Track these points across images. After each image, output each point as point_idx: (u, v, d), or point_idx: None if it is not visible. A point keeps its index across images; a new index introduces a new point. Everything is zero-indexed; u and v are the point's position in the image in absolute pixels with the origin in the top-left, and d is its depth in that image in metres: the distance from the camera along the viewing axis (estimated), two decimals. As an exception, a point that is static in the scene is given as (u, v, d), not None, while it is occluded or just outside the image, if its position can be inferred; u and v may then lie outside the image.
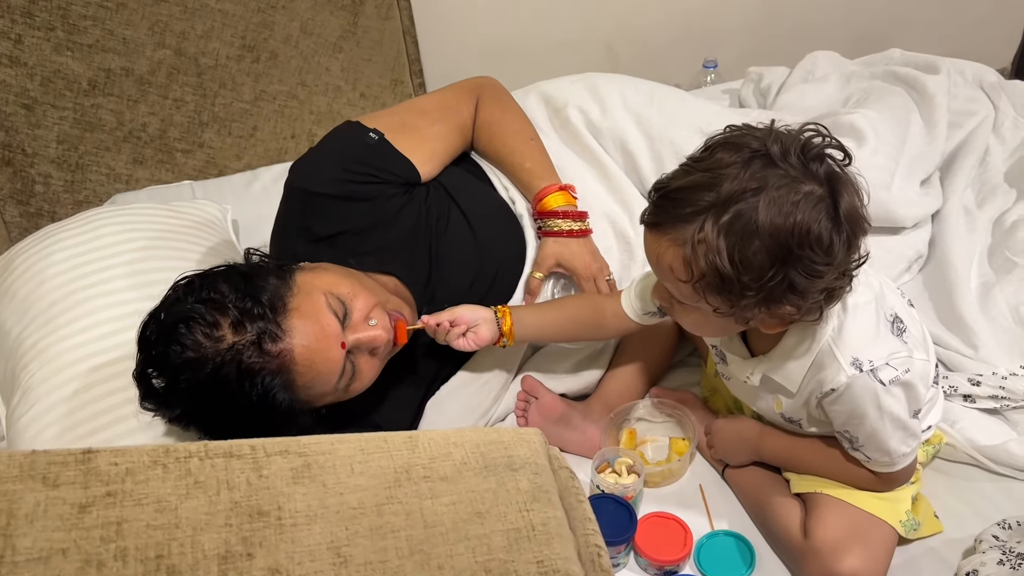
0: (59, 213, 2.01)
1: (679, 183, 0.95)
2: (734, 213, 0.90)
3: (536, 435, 0.77)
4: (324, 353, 1.09)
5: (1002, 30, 2.72)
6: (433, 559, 0.64)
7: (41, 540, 0.61)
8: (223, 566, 0.61)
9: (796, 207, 0.89)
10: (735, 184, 0.90)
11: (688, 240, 0.92)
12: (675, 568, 1.18)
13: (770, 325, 1.00)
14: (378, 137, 1.32)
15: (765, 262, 0.90)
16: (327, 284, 1.13)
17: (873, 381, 1.01)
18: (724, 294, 0.94)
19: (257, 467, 0.68)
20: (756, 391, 1.15)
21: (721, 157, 0.93)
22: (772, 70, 1.98)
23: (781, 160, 0.91)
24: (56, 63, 1.86)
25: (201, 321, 1.05)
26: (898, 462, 1.09)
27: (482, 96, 1.45)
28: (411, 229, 1.31)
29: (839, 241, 0.92)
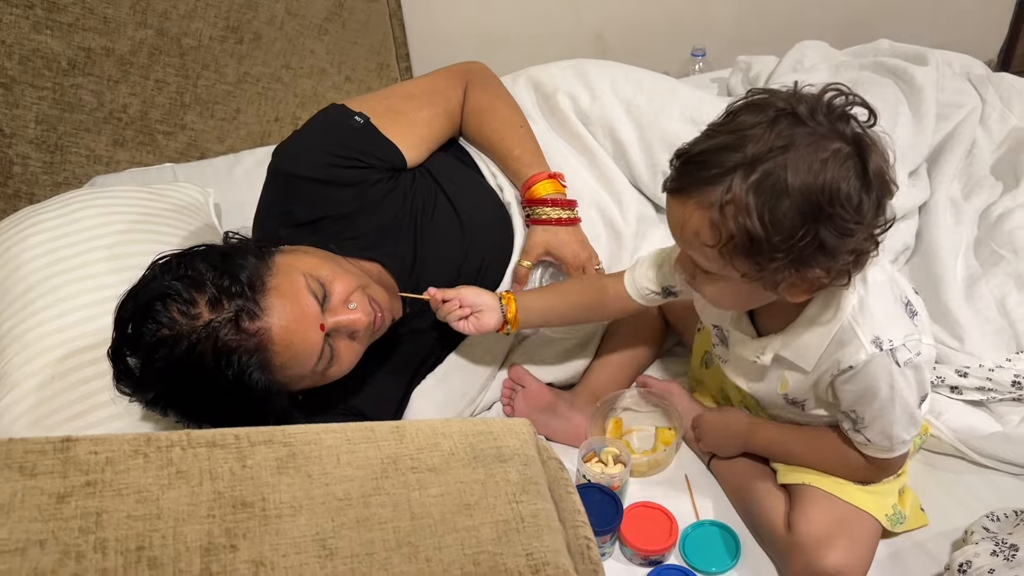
0: (37, 195, 1.98)
1: (703, 146, 0.93)
2: (763, 172, 0.88)
3: (525, 426, 0.76)
4: (302, 334, 1.08)
5: (989, 22, 2.73)
6: (421, 551, 0.63)
7: (18, 531, 0.59)
8: (206, 558, 0.60)
9: (825, 165, 0.88)
10: (762, 143, 0.88)
11: (715, 202, 0.90)
12: (660, 558, 1.17)
13: (797, 292, 0.97)
14: (363, 121, 1.30)
15: (796, 221, 0.88)
16: (307, 266, 1.12)
17: (890, 361, 1.00)
18: (753, 257, 0.92)
19: (241, 457, 0.67)
20: (762, 372, 1.13)
21: (745, 119, 0.92)
22: (761, 59, 1.97)
23: (809, 118, 0.89)
24: (35, 42, 1.83)
25: (177, 298, 1.04)
26: (896, 448, 1.08)
27: (471, 81, 1.43)
28: (396, 215, 1.30)
29: (868, 200, 0.90)
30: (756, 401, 1.23)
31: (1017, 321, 1.40)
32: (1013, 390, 1.29)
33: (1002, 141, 1.78)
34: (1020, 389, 1.29)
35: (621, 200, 1.46)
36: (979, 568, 0.97)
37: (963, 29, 2.64)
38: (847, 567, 1.08)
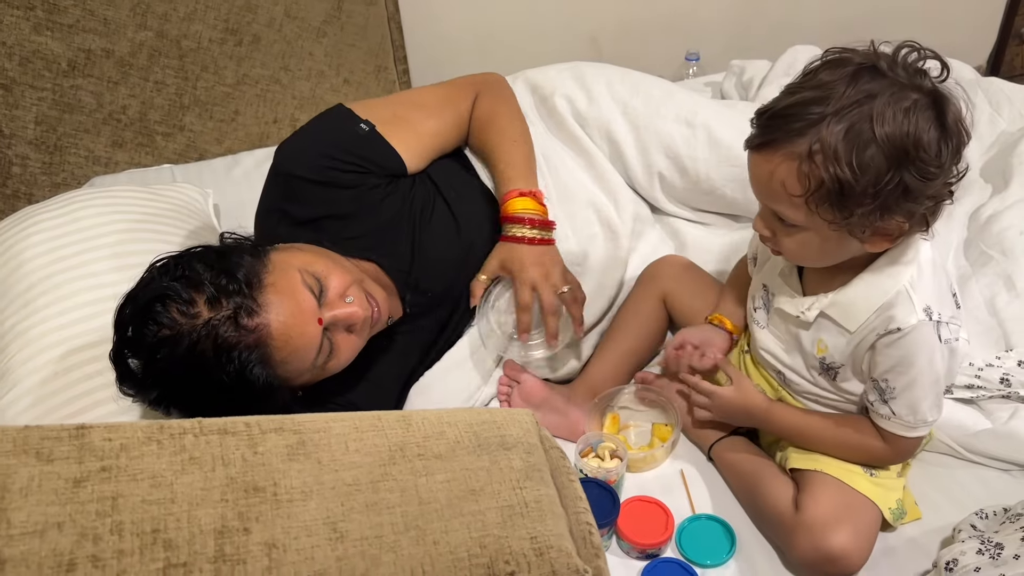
0: (36, 195, 1.99)
1: (787, 101, 0.98)
2: (850, 121, 0.94)
3: (527, 415, 0.78)
4: (300, 328, 1.09)
5: (978, 28, 2.77)
6: (428, 534, 0.65)
7: (36, 514, 0.60)
8: (220, 540, 0.62)
9: (908, 113, 0.93)
10: (847, 95, 0.94)
11: (804, 152, 0.96)
12: (657, 551, 1.19)
13: (879, 241, 1.02)
14: (368, 128, 1.32)
15: (882, 166, 0.94)
16: (302, 262, 1.14)
17: (935, 333, 1.05)
18: (840, 204, 0.97)
19: (252, 444, 0.69)
20: (799, 333, 1.17)
21: (826, 75, 0.97)
22: (754, 63, 1.99)
23: (889, 71, 0.95)
24: (35, 43, 1.84)
25: (177, 298, 1.05)
26: (918, 426, 1.11)
27: (481, 92, 1.45)
28: (393, 218, 1.32)
29: (947, 148, 0.95)
30: (782, 382, 1.26)
31: (1006, 320, 1.43)
32: (1002, 387, 1.31)
33: (991, 144, 1.82)
34: (1009, 387, 1.31)
35: (617, 200, 1.48)
36: (965, 566, 0.99)
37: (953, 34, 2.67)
38: (852, 550, 1.10)
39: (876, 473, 1.19)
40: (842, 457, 1.18)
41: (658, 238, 1.55)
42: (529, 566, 0.65)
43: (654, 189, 1.53)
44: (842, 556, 1.10)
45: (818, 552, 1.10)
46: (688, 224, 1.56)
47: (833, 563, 1.10)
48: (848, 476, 1.17)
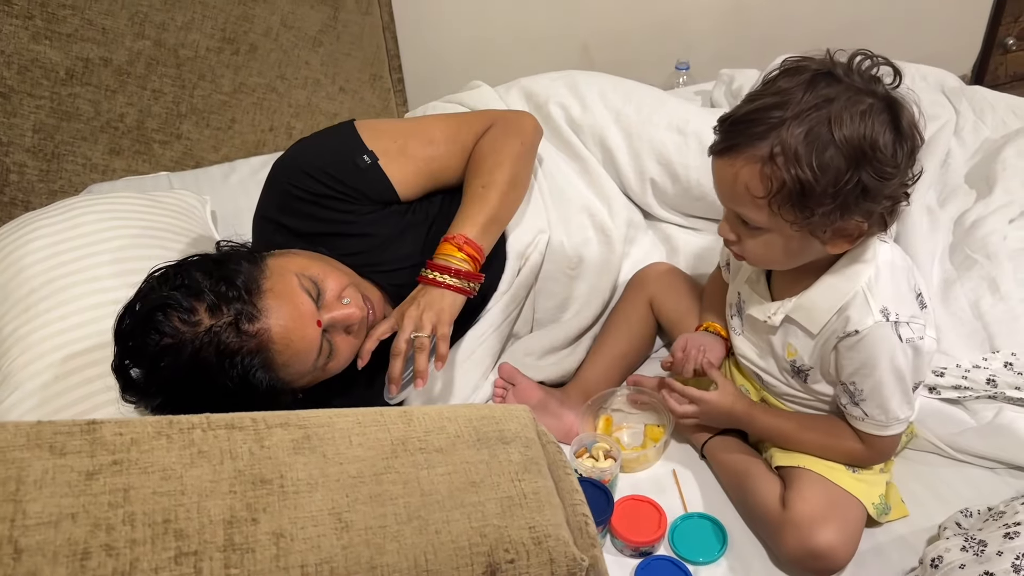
0: (33, 203, 2.00)
1: (748, 108, 1.03)
2: (809, 124, 0.98)
3: (525, 411, 0.80)
4: (300, 331, 1.12)
5: (962, 38, 2.82)
6: (431, 524, 0.67)
7: (50, 505, 0.62)
8: (229, 530, 0.63)
9: (864, 116, 0.98)
10: (806, 100, 0.98)
11: (765, 155, 1.00)
12: (650, 549, 1.21)
13: (840, 242, 1.06)
14: (371, 162, 1.31)
15: (842, 165, 0.98)
16: (298, 266, 1.16)
17: (894, 333, 1.08)
18: (800, 205, 1.00)
19: (259, 438, 0.71)
20: (769, 337, 1.20)
21: (784, 82, 1.02)
22: (743, 72, 2.03)
23: (845, 76, 1.00)
24: (34, 52, 1.85)
25: (177, 307, 1.07)
26: (891, 425, 1.14)
27: (492, 127, 1.40)
28: (389, 236, 1.33)
29: (902, 150, 1.00)
30: (762, 384, 1.28)
31: (991, 323, 1.46)
32: (988, 387, 1.34)
33: (975, 151, 1.85)
34: (995, 387, 1.34)
35: (611, 205, 1.50)
36: (950, 563, 1.01)
37: (938, 44, 2.72)
38: (838, 545, 1.12)
39: (858, 469, 1.21)
40: (825, 458, 1.21)
41: (650, 243, 1.58)
42: (528, 554, 0.67)
43: (646, 195, 1.56)
44: (828, 552, 1.12)
45: (805, 548, 1.13)
46: (679, 230, 1.59)
47: (820, 559, 1.12)
48: (831, 473, 1.19)
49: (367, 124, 1.37)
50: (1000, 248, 1.57)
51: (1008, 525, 1.02)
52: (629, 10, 2.41)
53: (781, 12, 2.54)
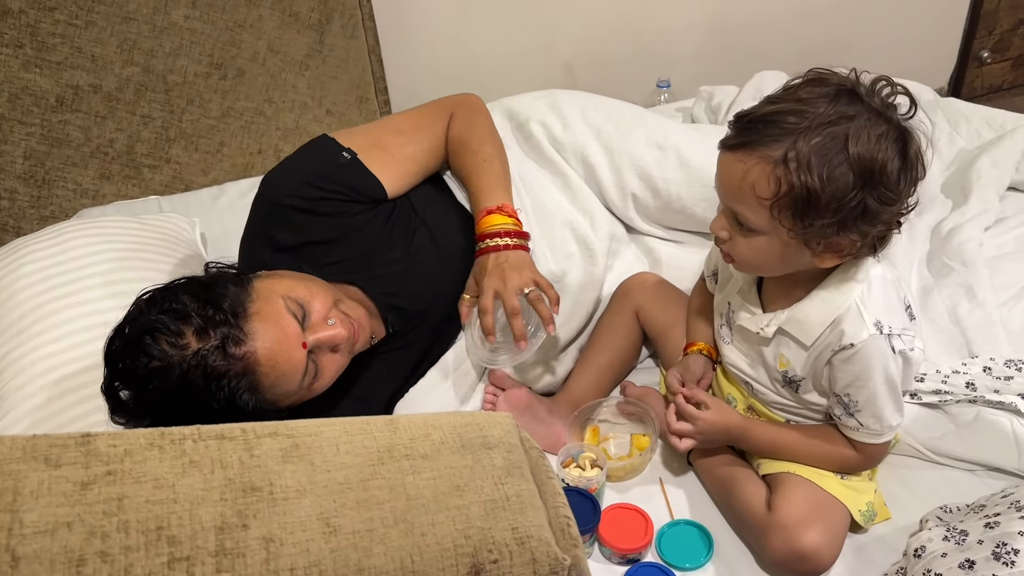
0: (24, 228, 2.02)
1: (768, 109, 1.04)
2: (827, 136, 1.00)
3: (508, 418, 0.82)
4: (286, 353, 1.13)
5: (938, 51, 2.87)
6: (416, 527, 0.69)
7: (47, 515, 0.64)
8: (220, 536, 0.66)
9: (880, 140, 1.00)
10: (826, 112, 1.00)
11: (779, 158, 1.01)
12: (637, 556, 1.23)
13: (829, 257, 1.08)
14: (350, 156, 1.36)
15: (850, 182, 1.00)
16: (284, 288, 1.18)
17: (887, 345, 1.10)
18: (801, 213, 1.02)
19: (248, 448, 0.73)
20: (762, 349, 1.22)
21: (807, 91, 1.04)
22: (722, 89, 2.07)
23: (867, 97, 1.02)
24: (24, 80, 1.88)
25: (165, 331, 1.08)
26: (885, 432, 1.17)
27: (455, 114, 1.50)
28: (375, 242, 1.36)
29: (906, 180, 1.03)
30: (750, 392, 1.30)
31: (968, 328, 1.49)
32: (968, 391, 1.36)
33: (951, 162, 1.89)
34: (974, 391, 1.37)
35: (593, 219, 1.53)
36: (932, 552, 1.03)
37: (914, 58, 2.78)
38: (823, 547, 1.14)
39: (847, 476, 1.24)
40: (818, 467, 1.23)
41: (633, 256, 1.60)
42: (511, 555, 0.69)
43: (628, 209, 1.59)
44: (813, 554, 1.14)
45: (790, 551, 1.14)
46: (662, 243, 1.62)
47: (804, 561, 1.14)
48: (819, 478, 1.22)
49: (339, 132, 1.42)
50: (976, 255, 1.60)
51: (989, 516, 1.04)
52: (611, 30, 2.45)
53: (759, 30, 2.59)
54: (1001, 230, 1.70)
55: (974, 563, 0.97)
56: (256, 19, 1.99)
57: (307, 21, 2.03)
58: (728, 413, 1.27)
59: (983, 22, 2.77)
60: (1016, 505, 1.04)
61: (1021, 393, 1.33)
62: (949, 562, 0.99)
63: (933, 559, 1.01)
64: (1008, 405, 1.32)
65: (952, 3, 2.77)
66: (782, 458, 1.26)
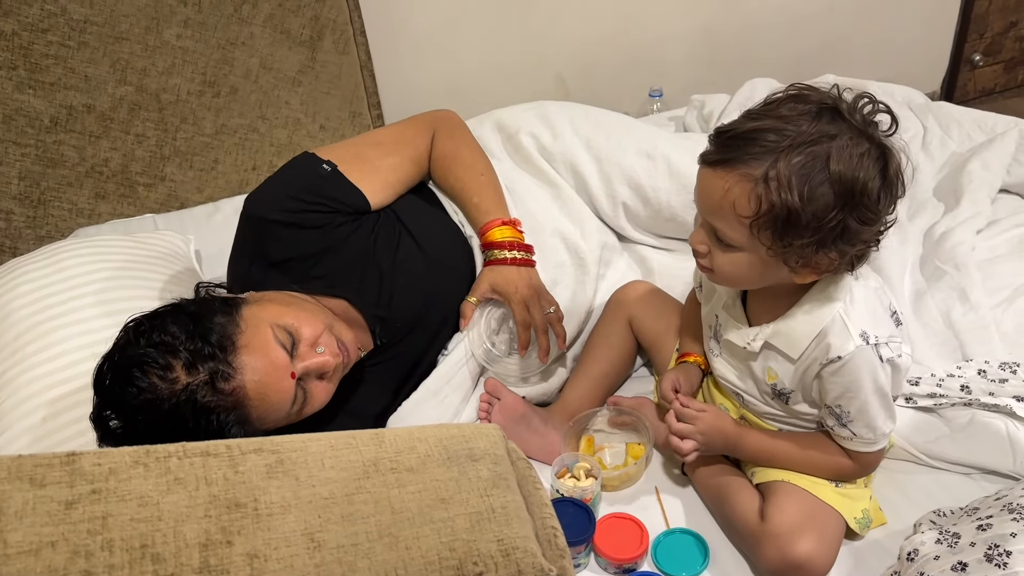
0: (20, 248, 2.03)
1: (749, 126, 1.03)
2: (809, 155, 0.99)
3: (495, 429, 0.82)
4: (276, 385, 1.13)
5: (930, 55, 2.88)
6: (401, 541, 0.69)
7: (31, 535, 0.64)
8: (204, 553, 0.66)
9: (862, 159, 1.00)
10: (808, 131, 1.00)
11: (760, 175, 1.00)
12: (633, 565, 1.23)
13: (807, 273, 1.08)
14: (331, 168, 1.36)
15: (830, 202, 1.00)
16: (272, 315, 1.17)
17: (875, 355, 1.10)
18: (781, 232, 1.02)
19: (233, 464, 0.73)
20: (750, 363, 1.22)
21: (788, 108, 1.03)
22: (713, 97, 2.08)
23: (849, 114, 1.01)
24: (18, 101, 1.89)
25: (154, 365, 1.08)
26: (879, 441, 1.17)
27: (438, 129, 1.51)
28: (361, 253, 1.36)
29: (885, 199, 1.03)
30: (741, 403, 1.30)
31: (961, 331, 1.48)
32: (963, 395, 1.36)
33: (943, 165, 1.90)
34: (969, 394, 1.37)
35: (584, 229, 1.54)
36: (925, 555, 1.03)
37: (906, 62, 2.78)
38: (816, 555, 1.14)
39: (842, 484, 1.24)
40: (813, 475, 1.23)
41: (626, 265, 1.61)
42: (496, 566, 0.69)
43: (619, 218, 1.60)
44: (807, 562, 1.14)
45: (784, 560, 1.14)
46: (654, 251, 1.62)
47: (798, 570, 1.14)
48: (813, 486, 1.22)
49: (320, 148, 1.43)
50: (969, 259, 1.60)
51: (981, 519, 1.04)
52: (602, 41, 2.46)
53: (750, 38, 2.60)
54: (993, 232, 1.70)
55: (966, 565, 0.97)
56: (248, 37, 2.00)
57: (299, 38, 2.04)
58: (725, 417, 1.27)
59: (974, 25, 2.78)
60: (1008, 507, 1.03)
61: (1016, 395, 1.34)
62: (942, 565, 0.99)
63: (926, 562, 1.01)
64: (1003, 407, 1.32)
65: (943, 7, 2.78)
66: (778, 466, 1.25)
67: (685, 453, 1.25)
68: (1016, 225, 1.71)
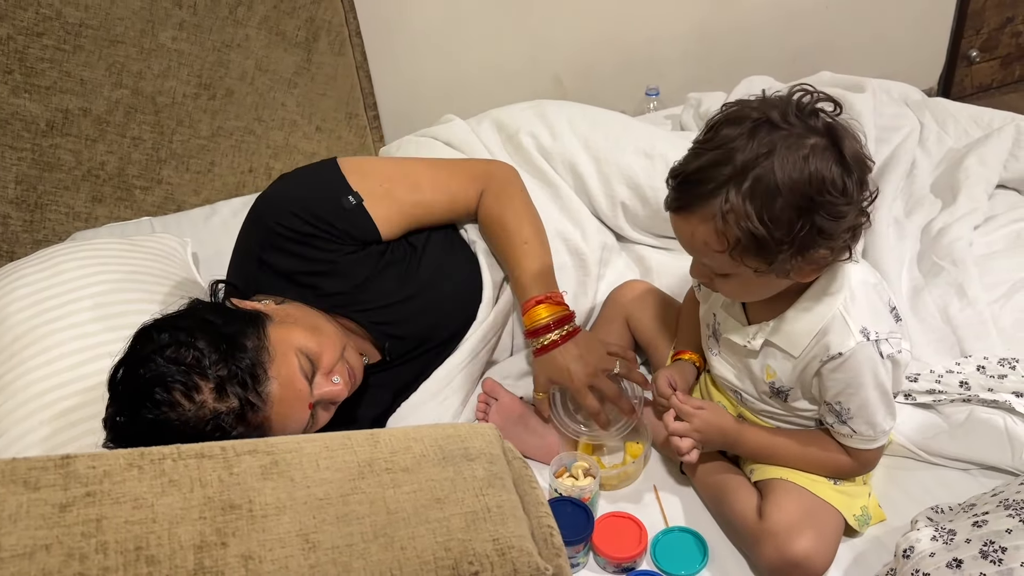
0: (18, 252, 2.02)
1: (695, 165, 1.03)
2: (754, 178, 0.99)
3: (490, 429, 0.82)
4: (296, 415, 1.14)
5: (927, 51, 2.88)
6: (396, 541, 0.69)
7: (25, 538, 0.64)
8: (199, 555, 0.66)
9: (807, 160, 0.98)
10: (747, 153, 0.99)
11: (716, 213, 1.01)
12: (632, 564, 1.23)
13: (807, 273, 1.08)
14: (355, 203, 1.33)
15: (792, 215, 0.99)
16: (299, 341, 1.16)
17: (875, 351, 1.10)
18: (760, 254, 1.02)
19: (228, 466, 0.73)
20: (749, 361, 1.21)
21: (727, 133, 1.02)
22: (710, 95, 2.07)
23: (782, 122, 1.00)
24: (14, 105, 1.89)
25: (180, 387, 1.06)
26: (879, 438, 1.17)
27: (487, 188, 1.46)
28: (368, 276, 1.35)
29: (851, 182, 1.01)
30: (739, 400, 1.30)
31: (959, 327, 1.48)
32: (962, 391, 1.36)
33: (940, 161, 1.89)
34: (968, 390, 1.36)
35: (584, 230, 1.53)
36: (921, 552, 1.02)
37: (903, 59, 2.78)
38: (814, 554, 1.13)
39: (840, 481, 1.23)
40: (812, 472, 1.23)
41: (624, 265, 1.60)
42: (492, 566, 0.69)
43: (618, 218, 1.60)
44: (805, 561, 1.13)
45: (782, 558, 1.14)
46: (652, 250, 1.62)
47: (797, 568, 1.14)
48: (812, 484, 1.21)
49: (351, 163, 1.38)
50: (966, 254, 1.60)
51: (978, 515, 1.04)
52: (599, 41, 2.46)
53: (747, 35, 2.60)
54: (991, 228, 1.70)
55: (961, 562, 0.96)
56: (243, 39, 2.00)
57: (294, 39, 2.04)
58: (723, 414, 1.26)
59: (970, 21, 2.77)
60: (1004, 503, 1.03)
61: (1015, 391, 1.33)
62: (937, 561, 0.98)
63: (921, 559, 1.01)
64: (1002, 403, 1.32)
65: (939, 3, 2.78)
66: (778, 463, 1.25)
67: (684, 451, 1.25)
68: (1013, 220, 1.70)
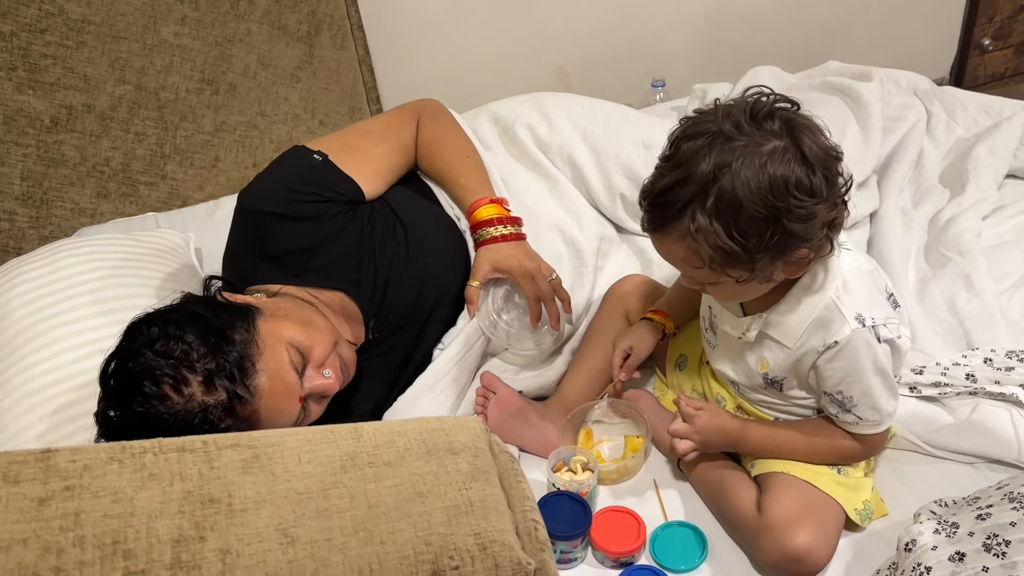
0: (24, 249, 2.03)
1: (659, 186, 1.04)
2: (716, 194, 0.98)
3: (476, 422, 0.81)
4: (285, 409, 1.15)
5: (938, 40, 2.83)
6: (376, 535, 0.68)
7: (2, 532, 0.64)
8: (176, 549, 0.65)
9: (764, 167, 0.97)
10: (706, 168, 0.98)
11: (686, 233, 1.01)
12: (631, 559, 1.22)
13: (793, 271, 1.08)
14: (322, 158, 1.37)
15: (760, 225, 0.98)
16: (289, 334, 1.17)
17: (872, 336, 1.09)
18: (738, 265, 1.02)
19: (209, 460, 0.72)
20: (744, 351, 1.21)
21: (686, 149, 1.02)
22: (716, 86, 2.05)
23: (736, 132, 0.99)
24: (18, 102, 1.90)
25: (168, 380, 1.06)
26: (884, 421, 1.16)
27: (423, 116, 1.51)
28: (356, 245, 1.35)
29: (817, 179, 1.00)
30: (737, 391, 1.29)
31: (966, 319, 1.46)
32: (968, 383, 1.34)
33: (948, 151, 1.87)
34: (974, 382, 1.35)
35: (581, 221, 1.52)
36: (923, 545, 1.01)
37: (914, 47, 2.74)
38: (815, 547, 1.13)
39: (844, 471, 1.22)
40: (818, 463, 1.21)
41: (624, 257, 1.59)
42: (472, 560, 0.68)
43: (617, 209, 1.58)
44: (805, 555, 1.12)
45: (782, 552, 1.13)
46: (653, 242, 1.61)
47: (797, 562, 1.13)
48: (814, 476, 1.20)
49: (310, 141, 1.43)
50: (974, 245, 1.58)
51: (981, 508, 1.02)
52: (603, 32, 2.44)
53: (753, 24, 2.57)
54: (1000, 218, 1.68)
55: (964, 555, 0.95)
56: (245, 33, 1.99)
57: (296, 33, 2.04)
58: (722, 415, 1.26)
59: (983, 9, 2.73)
60: (1009, 496, 1.01)
61: (1022, 384, 1.31)
62: (939, 555, 0.97)
63: (923, 552, 0.99)
64: (1009, 396, 1.30)
65: (950, -9, 2.74)
66: (784, 456, 1.24)
67: (682, 453, 1.24)
68: (1023, 211, 1.68)
